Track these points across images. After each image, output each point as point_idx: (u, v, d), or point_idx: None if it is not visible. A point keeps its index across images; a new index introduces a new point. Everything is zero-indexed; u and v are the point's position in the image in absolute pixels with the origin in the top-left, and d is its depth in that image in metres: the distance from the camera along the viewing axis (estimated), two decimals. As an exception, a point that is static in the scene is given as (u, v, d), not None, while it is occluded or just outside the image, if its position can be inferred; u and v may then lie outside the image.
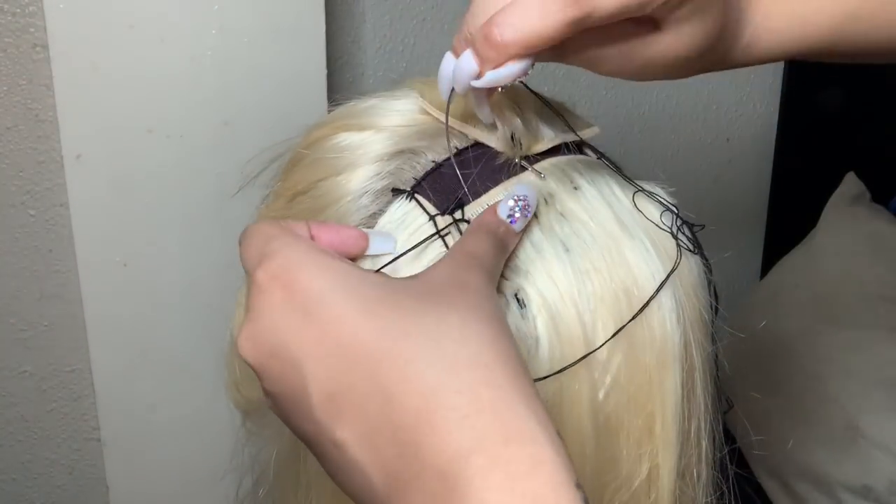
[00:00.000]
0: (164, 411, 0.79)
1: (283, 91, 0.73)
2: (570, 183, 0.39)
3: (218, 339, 0.47)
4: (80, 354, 0.80)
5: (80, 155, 0.70)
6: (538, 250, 0.37)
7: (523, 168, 0.39)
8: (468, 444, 0.26)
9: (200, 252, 0.75)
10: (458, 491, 0.26)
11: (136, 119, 0.70)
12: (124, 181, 0.71)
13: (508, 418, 0.27)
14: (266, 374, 0.30)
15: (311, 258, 0.31)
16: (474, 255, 0.34)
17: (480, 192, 0.39)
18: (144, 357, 0.77)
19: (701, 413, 0.39)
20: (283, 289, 0.30)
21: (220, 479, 0.47)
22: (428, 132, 0.40)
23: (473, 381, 0.27)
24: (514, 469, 0.26)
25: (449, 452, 0.26)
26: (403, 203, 0.38)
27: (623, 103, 1.04)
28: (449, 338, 0.28)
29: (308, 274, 0.30)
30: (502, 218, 0.36)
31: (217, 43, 0.70)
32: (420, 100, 0.41)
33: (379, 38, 0.87)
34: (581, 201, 0.39)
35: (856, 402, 0.99)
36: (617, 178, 0.41)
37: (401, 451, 0.27)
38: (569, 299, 0.36)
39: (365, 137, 0.40)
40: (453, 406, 0.27)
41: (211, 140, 0.72)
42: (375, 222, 0.38)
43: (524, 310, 0.36)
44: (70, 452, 0.84)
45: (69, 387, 0.81)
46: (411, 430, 0.27)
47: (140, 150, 0.71)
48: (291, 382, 0.29)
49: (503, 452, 0.26)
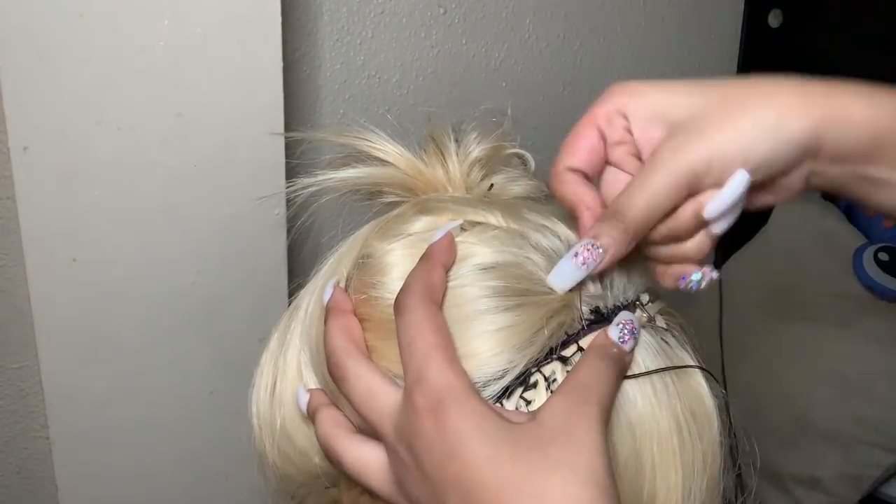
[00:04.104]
0: (114, 409, 0.78)
1: (237, 83, 0.72)
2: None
3: (169, 334, 0.47)
4: (27, 350, 0.78)
5: (27, 147, 0.68)
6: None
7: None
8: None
9: (151, 246, 0.74)
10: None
11: (85, 110, 0.68)
12: (73, 174, 0.70)
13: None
14: (409, 478, 0.38)
15: (461, 398, 0.37)
16: (588, 385, 0.38)
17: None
18: (94, 354, 0.76)
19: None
20: (435, 422, 0.37)
21: (170, 478, 0.47)
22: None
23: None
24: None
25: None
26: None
27: (580, 100, 1.05)
28: (552, 497, 0.35)
29: (455, 414, 0.37)
30: (614, 340, 0.40)
31: (169, 33, 0.69)
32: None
33: (336, 30, 0.86)
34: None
35: (805, 396, 1.01)
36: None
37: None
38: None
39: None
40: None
41: (162, 132, 0.71)
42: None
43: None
44: (18, 451, 0.82)
45: (16, 384, 0.80)
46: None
47: (89, 142, 0.69)
48: (431, 498, 0.37)
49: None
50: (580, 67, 1.04)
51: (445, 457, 0.36)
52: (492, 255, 0.43)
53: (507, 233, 0.44)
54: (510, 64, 0.98)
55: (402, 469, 0.39)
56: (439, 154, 0.48)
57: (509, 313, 0.41)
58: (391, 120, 0.49)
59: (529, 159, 0.51)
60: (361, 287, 0.45)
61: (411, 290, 0.41)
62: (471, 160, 0.48)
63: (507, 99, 0.98)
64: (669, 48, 1.11)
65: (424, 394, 0.37)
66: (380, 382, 0.40)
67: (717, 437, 0.44)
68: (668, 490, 0.41)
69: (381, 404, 0.40)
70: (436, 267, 0.42)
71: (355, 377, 0.41)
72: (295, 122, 0.84)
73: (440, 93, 0.94)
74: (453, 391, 0.37)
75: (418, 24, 0.91)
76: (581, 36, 1.02)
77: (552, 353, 0.41)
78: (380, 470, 0.40)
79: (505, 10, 0.96)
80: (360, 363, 0.41)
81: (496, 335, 0.41)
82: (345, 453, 0.41)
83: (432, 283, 0.41)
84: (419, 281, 0.41)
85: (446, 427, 0.36)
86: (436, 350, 0.38)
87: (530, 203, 0.49)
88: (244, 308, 0.80)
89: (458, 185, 0.48)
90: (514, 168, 0.51)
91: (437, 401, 0.37)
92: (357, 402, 0.41)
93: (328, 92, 0.88)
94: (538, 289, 0.42)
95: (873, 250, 1.06)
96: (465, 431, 0.36)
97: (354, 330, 0.43)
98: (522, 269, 0.42)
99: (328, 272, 0.48)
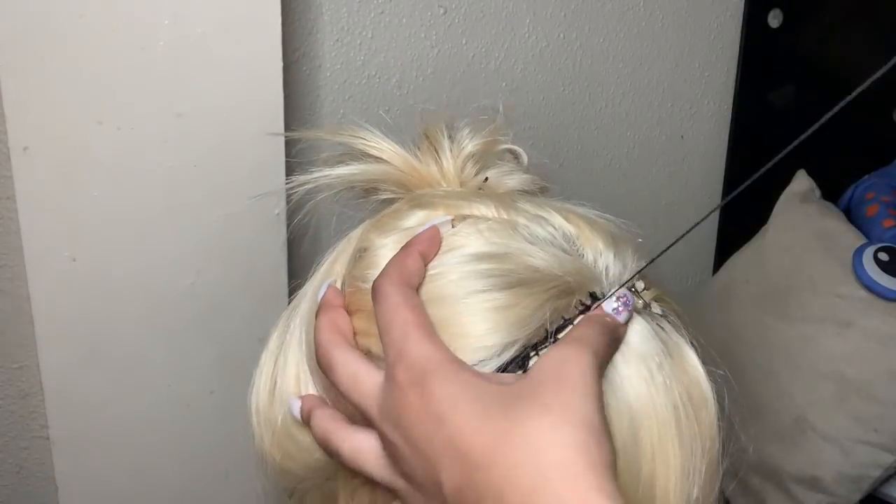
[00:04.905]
0: (114, 409, 0.78)
1: (237, 83, 0.72)
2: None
3: (169, 334, 0.47)
4: (27, 351, 0.78)
5: (28, 147, 0.68)
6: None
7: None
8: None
9: (151, 246, 0.74)
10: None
11: (86, 110, 0.69)
12: (73, 174, 0.70)
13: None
14: (400, 456, 0.38)
15: (444, 367, 0.37)
16: (581, 338, 0.39)
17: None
18: (94, 354, 0.76)
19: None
20: (421, 394, 0.37)
21: (170, 478, 0.47)
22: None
23: (562, 488, 0.33)
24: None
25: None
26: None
27: (580, 100, 1.05)
28: (543, 442, 0.34)
29: (440, 382, 0.37)
30: (608, 311, 0.41)
31: (169, 33, 0.69)
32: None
33: (336, 30, 0.86)
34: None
35: (805, 396, 1.01)
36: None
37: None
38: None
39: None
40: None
41: (162, 132, 0.71)
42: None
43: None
44: (18, 451, 0.82)
45: (16, 384, 0.80)
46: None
47: (89, 143, 0.69)
48: (426, 471, 0.37)
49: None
50: (580, 67, 1.04)
51: (435, 425, 0.36)
52: (485, 244, 0.43)
53: (500, 224, 0.44)
54: (510, 64, 0.98)
55: (393, 448, 0.39)
56: (433, 150, 0.49)
57: (504, 293, 0.41)
58: (389, 122, 0.50)
59: (522, 154, 0.52)
60: (354, 280, 0.46)
61: (386, 276, 0.41)
62: (464, 155, 0.49)
63: (507, 99, 0.98)
64: (669, 48, 1.11)
65: (406, 369, 0.38)
66: (363, 367, 0.41)
67: (715, 420, 0.44)
68: (667, 471, 0.41)
69: (366, 387, 0.40)
70: (412, 254, 0.42)
71: (341, 365, 0.41)
72: (295, 121, 0.84)
73: (440, 93, 0.94)
74: (435, 362, 0.38)
75: (418, 24, 0.91)
76: (581, 36, 1.02)
77: (549, 336, 0.41)
78: (375, 455, 0.40)
79: (505, 10, 0.96)
80: (345, 352, 0.42)
81: (490, 313, 0.41)
82: (341, 444, 0.42)
83: (407, 268, 0.42)
84: (394, 266, 0.42)
85: (433, 396, 0.36)
86: (413, 327, 0.39)
87: (525, 195, 0.49)
88: (244, 308, 0.80)
89: (453, 180, 0.49)
90: (508, 163, 0.51)
91: (420, 373, 0.37)
92: (344, 389, 0.41)
93: (328, 92, 0.88)
94: (533, 276, 0.42)
95: (873, 250, 1.06)
96: (453, 395, 0.36)
97: (341, 322, 0.44)
98: (517, 258, 0.43)
99: (325, 272, 0.49)
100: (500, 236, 0.44)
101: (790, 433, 1.02)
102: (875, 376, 1.00)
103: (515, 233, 0.44)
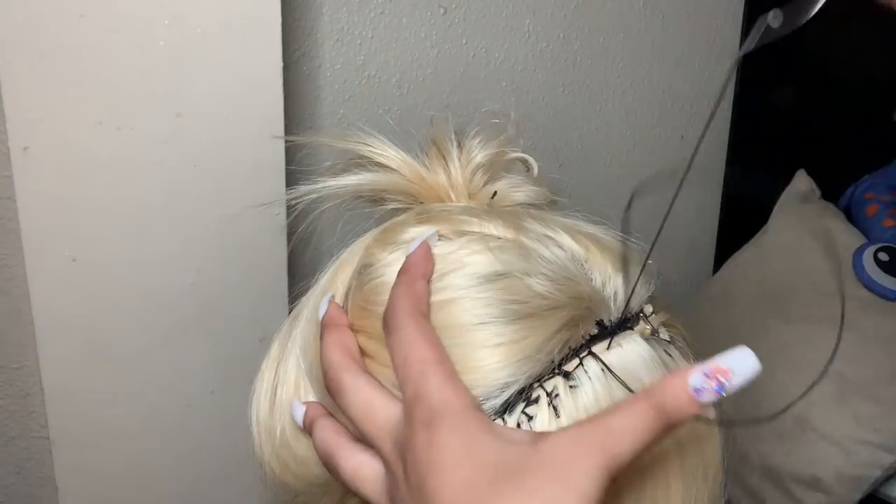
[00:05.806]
0: (114, 409, 0.78)
1: (237, 83, 0.72)
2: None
3: (169, 334, 0.47)
4: (27, 351, 0.78)
5: (28, 147, 0.68)
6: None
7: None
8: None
9: (151, 246, 0.74)
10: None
11: (86, 110, 0.68)
12: (73, 174, 0.70)
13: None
14: (397, 490, 0.38)
15: (456, 415, 0.37)
16: (612, 432, 0.35)
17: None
18: (94, 354, 0.76)
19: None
20: (427, 436, 0.36)
21: (170, 478, 0.47)
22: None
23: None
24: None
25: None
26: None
27: (580, 100, 1.05)
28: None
29: (447, 430, 0.36)
30: (693, 385, 0.35)
31: (169, 33, 0.69)
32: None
33: (336, 30, 0.86)
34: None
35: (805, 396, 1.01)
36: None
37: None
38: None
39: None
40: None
41: (162, 132, 0.71)
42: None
43: None
44: (18, 451, 0.82)
45: (16, 384, 0.80)
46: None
47: (89, 143, 0.69)
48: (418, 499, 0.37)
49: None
50: (580, 67, 1.04)
51: (428, 471, 0.36)
52: (492, 265, 0.42)
53: (508, 244, 0.44)
54: (510, 64, 0.98)
55: (394, 482, 0.38)
56: (442, 159, 0.48)
57: (512, 326, 0.41)
58: (391, 123, 0.49)
59: (533, 164, 0.51)
60: (358, 298, 0.45)
61: (397, 308, 0.40)
62: (473, 165, 0.48)
63: (507, 99, 0.98)
64: (669, 48, 1.11)
65: (423, 409, 0.37)
66: (378, 395, 0.40)
67: (718, 449, 0.43)
68: (668, 500, 0.41)
69: (380, 418, 0.39)
70: (416, 279, 0.42)
71: (352, 390, 0.41)
72: (295, 122, 0.84)
73: (440, 93, 0.94)
74: (450, 407, 0.37)
75: (418, 24, 0.91)
76: (581, 36, 1.02)
77: (555, 369, 0.40)
78: (375, 479, 0.40)
79: (505, 10, 0.96)
80: (357, 376, 0.41)
81: (498, 349, 0.40)
82: (343, 462, 0.41)
83: (416, 296, 0.41)
84: (403, 297, 0.41)
85: (435, 443, 0.36)
86: (432, 365, 0.38)
87: (533, 212, 0.48)
88: (244, 308, 0.80)
89: (461, 191, 0.48)
90: (517, 172, 0.50)
91: (433, 416, 0.37)
92: (354, 416, 0.41)
93: (328, 92, 0.88)
94: (541, 305, 0.41)
95: (873, 250, 1.06)
96: (452, 449, 0.36)
97: (350, 344, 0.43)
98: (524, 282, 0.42)
99: (328, 282, 0.48)
100: (507, 255, 0.43)
101: (790, 433, 1.02)
102: (875, 376, 1.00)
103: (525, 253, 0.43)
